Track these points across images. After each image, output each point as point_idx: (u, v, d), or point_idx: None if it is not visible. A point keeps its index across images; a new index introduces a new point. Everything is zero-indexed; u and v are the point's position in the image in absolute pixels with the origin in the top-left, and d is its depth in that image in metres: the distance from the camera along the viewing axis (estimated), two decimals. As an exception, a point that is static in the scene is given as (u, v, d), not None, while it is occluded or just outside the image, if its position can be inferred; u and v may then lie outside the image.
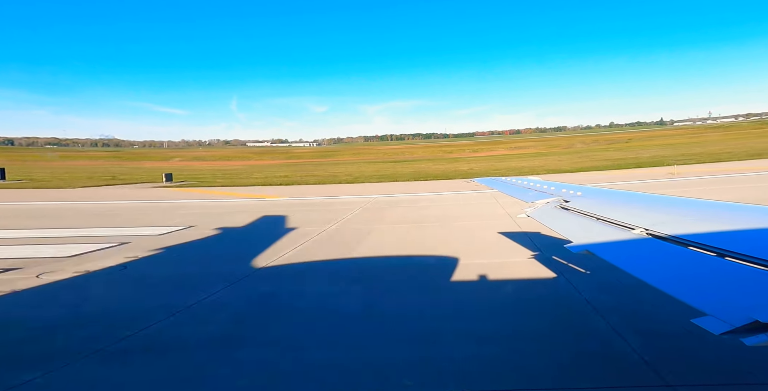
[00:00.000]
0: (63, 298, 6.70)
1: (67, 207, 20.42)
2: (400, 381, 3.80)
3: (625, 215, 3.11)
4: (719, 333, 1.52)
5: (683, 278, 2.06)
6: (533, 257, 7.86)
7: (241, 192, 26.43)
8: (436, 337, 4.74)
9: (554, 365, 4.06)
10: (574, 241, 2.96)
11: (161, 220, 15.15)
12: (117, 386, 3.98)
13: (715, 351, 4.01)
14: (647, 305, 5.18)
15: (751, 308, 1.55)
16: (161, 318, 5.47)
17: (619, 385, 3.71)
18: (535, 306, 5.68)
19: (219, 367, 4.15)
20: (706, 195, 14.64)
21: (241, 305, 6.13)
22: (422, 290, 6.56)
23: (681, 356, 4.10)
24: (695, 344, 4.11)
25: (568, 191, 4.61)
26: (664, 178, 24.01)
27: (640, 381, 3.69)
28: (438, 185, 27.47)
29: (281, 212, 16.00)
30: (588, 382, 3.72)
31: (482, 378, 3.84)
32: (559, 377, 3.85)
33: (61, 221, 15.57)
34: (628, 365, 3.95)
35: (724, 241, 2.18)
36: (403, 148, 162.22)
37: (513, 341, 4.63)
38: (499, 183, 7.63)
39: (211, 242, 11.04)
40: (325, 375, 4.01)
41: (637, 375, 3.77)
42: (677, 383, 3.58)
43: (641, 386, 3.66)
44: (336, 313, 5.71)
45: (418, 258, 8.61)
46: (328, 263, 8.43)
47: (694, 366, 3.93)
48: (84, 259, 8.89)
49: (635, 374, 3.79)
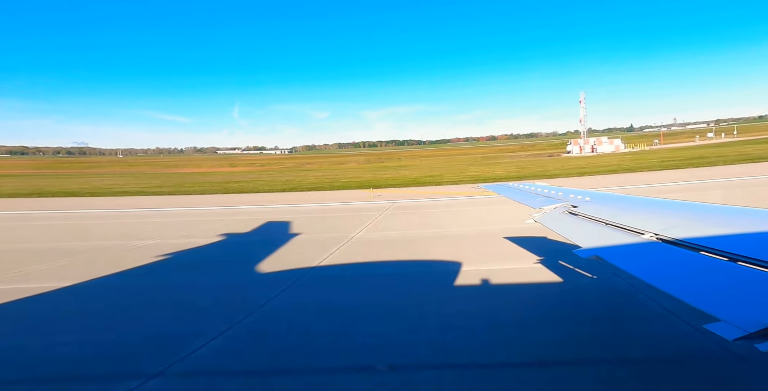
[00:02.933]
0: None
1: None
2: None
3: (634, 220, 3.08)
4: (733, 339, 1.50)
5: (695, 283, 2.03)
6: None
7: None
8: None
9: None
10: (582, 246, 2.93)
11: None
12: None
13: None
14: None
15: (765, 314, 1.53)
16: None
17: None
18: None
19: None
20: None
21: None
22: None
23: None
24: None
25: (576, 197, 4.58)
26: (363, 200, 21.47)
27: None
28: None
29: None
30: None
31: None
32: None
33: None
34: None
35: (737, 245, 2.15)
36: (346, 156, 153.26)
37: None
38: (506, 189, 7.59)
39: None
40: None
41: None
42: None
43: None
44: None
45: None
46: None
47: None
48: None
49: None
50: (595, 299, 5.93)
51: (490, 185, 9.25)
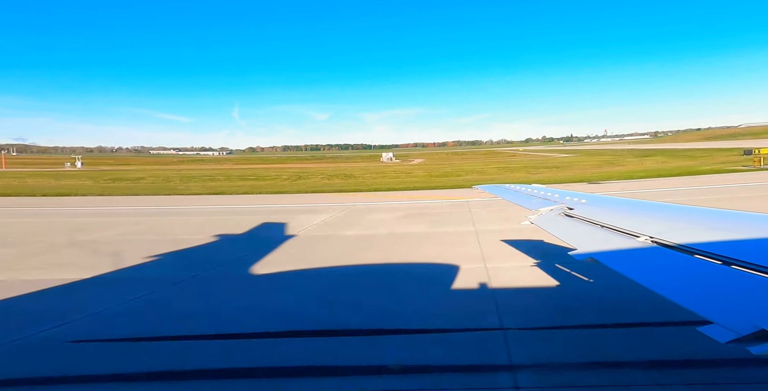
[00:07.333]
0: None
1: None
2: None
3: (630, 223, 3.10)
4: (725, 342, 1.51)
5: (689, 286, 2.05)
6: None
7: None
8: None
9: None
10: (578, 248, 2.95)
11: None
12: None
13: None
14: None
15: (758, 317, 1.54)
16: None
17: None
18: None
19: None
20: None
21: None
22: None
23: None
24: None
25: (572, 199, 4.59)
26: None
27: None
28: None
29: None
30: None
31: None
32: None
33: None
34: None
35: (731, 249, 2.17)
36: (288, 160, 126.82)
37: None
38: (502, 190, 7.59)
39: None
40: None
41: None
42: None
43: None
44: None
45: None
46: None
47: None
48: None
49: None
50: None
51: (486, 186, 9.23)
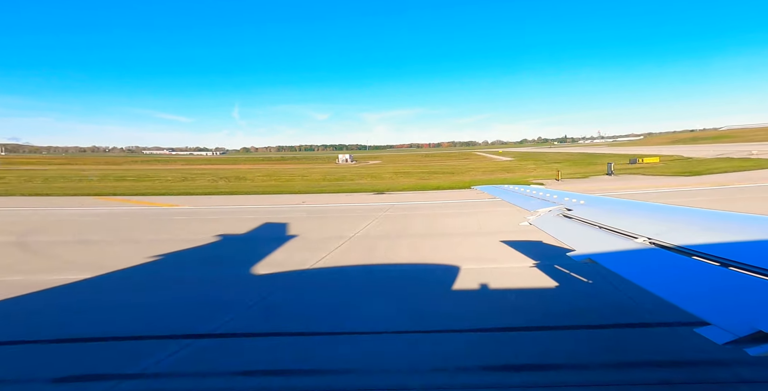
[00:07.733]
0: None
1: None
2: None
3: (628, 224, 3.10)
4: (722, 343, 1.51)
5: (687, 287, 2.05)
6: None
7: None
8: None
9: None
10: (577, 249, 2.95)
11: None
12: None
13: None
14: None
15: (755, 319, 1.54)
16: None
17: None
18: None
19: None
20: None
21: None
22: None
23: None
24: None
25: (570, 200, 4.60)
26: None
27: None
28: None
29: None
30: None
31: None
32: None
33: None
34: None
35: (728, 251, 2.17)
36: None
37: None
38: (501, 191, 7.59)
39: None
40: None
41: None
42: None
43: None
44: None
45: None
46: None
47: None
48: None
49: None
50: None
51: (485, 187, 9.22)
